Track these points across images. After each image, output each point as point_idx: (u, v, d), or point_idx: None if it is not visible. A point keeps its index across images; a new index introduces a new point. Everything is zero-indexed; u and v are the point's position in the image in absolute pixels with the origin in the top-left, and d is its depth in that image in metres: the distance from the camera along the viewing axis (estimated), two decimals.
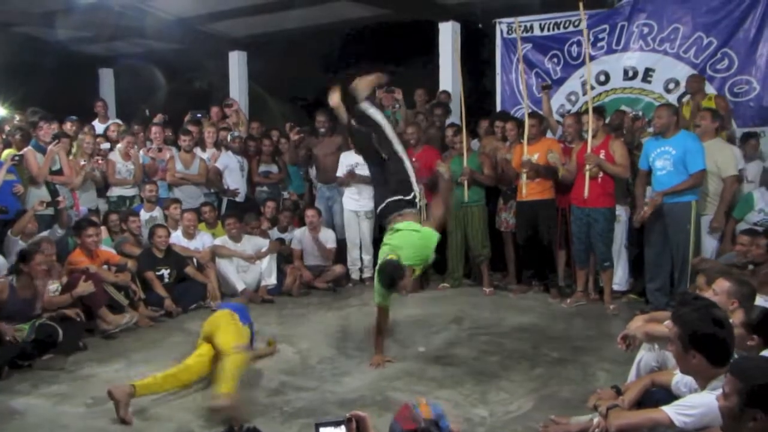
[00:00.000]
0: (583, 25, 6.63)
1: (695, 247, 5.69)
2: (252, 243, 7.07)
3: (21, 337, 4.81)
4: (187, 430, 3.80)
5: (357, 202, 7.37)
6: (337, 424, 1.84)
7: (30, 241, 5.79)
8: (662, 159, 5.74)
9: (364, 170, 7.19)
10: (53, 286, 5.46)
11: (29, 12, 9.33)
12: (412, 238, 4.81)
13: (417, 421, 1.98)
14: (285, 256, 7.40)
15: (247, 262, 6.93)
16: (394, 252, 4.68)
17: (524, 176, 6.49)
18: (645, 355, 3.61)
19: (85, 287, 5.38)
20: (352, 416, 1.82)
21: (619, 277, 6.57)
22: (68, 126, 7.67)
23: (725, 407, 2.15)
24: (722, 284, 3.47)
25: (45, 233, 6.09)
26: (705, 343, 2.62)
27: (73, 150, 7.26)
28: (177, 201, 7.34)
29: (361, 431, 1.81)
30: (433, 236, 4.88)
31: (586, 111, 6.35)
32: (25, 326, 4.90)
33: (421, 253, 4.81)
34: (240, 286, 6.80)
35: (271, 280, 6.96)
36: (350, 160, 7.30)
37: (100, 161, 7.43)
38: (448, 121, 7.86)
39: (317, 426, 1.86)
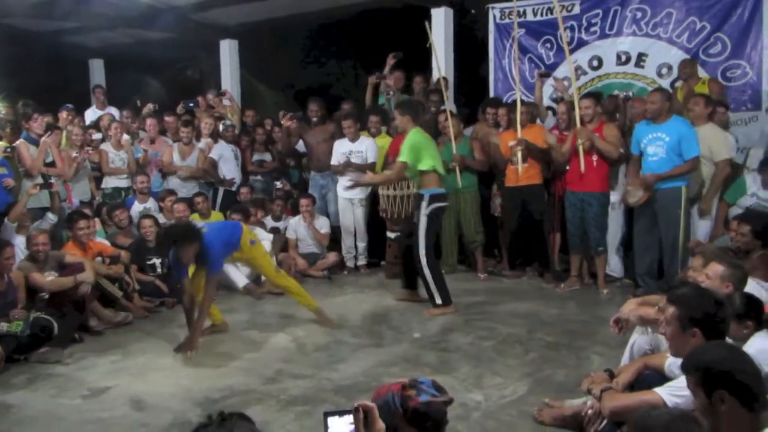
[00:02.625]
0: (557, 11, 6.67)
1: (685, 232, 5.72)
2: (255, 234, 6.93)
3: (16, 331, 4.81)
4: (184, 419, 3.82)
5: (351, 189, 7.35)
6: (344, 413, 1.85)
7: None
8: (654, 145, 5.75)
9: (358, 158, 7.22)
10: (51, 277, 5.45)
11: (17, 3, 9.24)
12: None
13: (401, 382, 2.09)
14: (280, 244, 7.39)
15: None
16: None
17: (519, 156, 6.51)
18: (638, 339, 3.64)
19: (89, 275, 5.38)
20: (359, 406, 1.83)
21: (615, 263, 6.60)
22: (64, 115, 7.64)
23: (697, 405, 2.18)
24: (716, 268, 3.48)
25: (37, 223, 6.08)
26: (706, 321, 2.65)
27: (63, 142, 7.23)
28: (172, 193, 7.33)
29: (369, 421, 1.82)
30: None
31: (583, 96, 6.36)
32: (20, 321, 4.89)
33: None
34: (241, 283, 6.64)
35: None
36: (344, 149, 7.29)
37: (90, 151, 7.41)
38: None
39: (326, 415, 1.87)
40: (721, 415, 2.08)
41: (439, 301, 5.71)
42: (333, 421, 1.86)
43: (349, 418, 1.83)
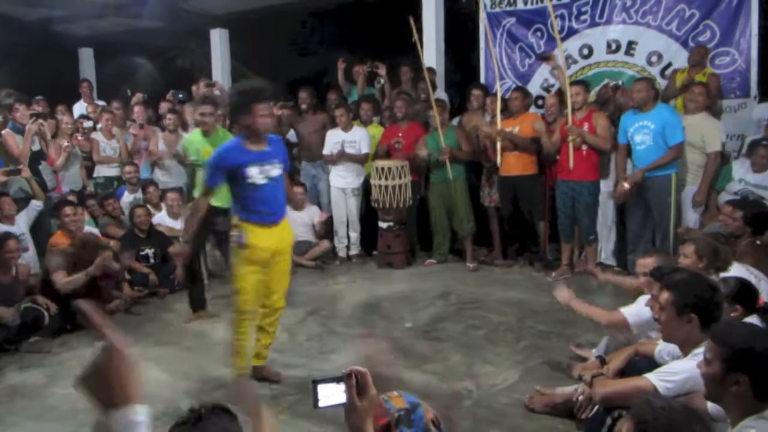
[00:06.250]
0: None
1: (676, 219, 5.78)
2: None
3: (7, 321, 4.80)
4: (175, 409, 3.80)
5: (344, 179, 7.34)
6: (336, 380, 1.72)
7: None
8: (641, 134, 5.80)
9: (351, 148, 7.20)
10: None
11: None
12: None
13: (389, 414, 1.82)
14: None
15: None
16: None
17: (498, 145, 6.52)
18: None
19: (99, 264, 5.38)
20: (351, 371, 1.70)
21: (606, 252, 6.63)
22: (35, 106, 7.58)
23: (708, 374, 2.16)
24: (688, 248, 3.60)
25: (23, 213, 6.03)
26: (702, 306, 2.65)
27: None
28: (153, 183, 7.29)
29: (361, 387, 1.69)
30: None
31: (571, 84, 6.37)
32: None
33: None
34: None
35: None
36: (336, 138, 7.26)
37: (80, 137, 7.35)
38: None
39: (314, 383, 1.73)
40: (728, 392, 2.08)
41: None
42: (323, 389, 1.74)
43: (341, 385, 1.72)
